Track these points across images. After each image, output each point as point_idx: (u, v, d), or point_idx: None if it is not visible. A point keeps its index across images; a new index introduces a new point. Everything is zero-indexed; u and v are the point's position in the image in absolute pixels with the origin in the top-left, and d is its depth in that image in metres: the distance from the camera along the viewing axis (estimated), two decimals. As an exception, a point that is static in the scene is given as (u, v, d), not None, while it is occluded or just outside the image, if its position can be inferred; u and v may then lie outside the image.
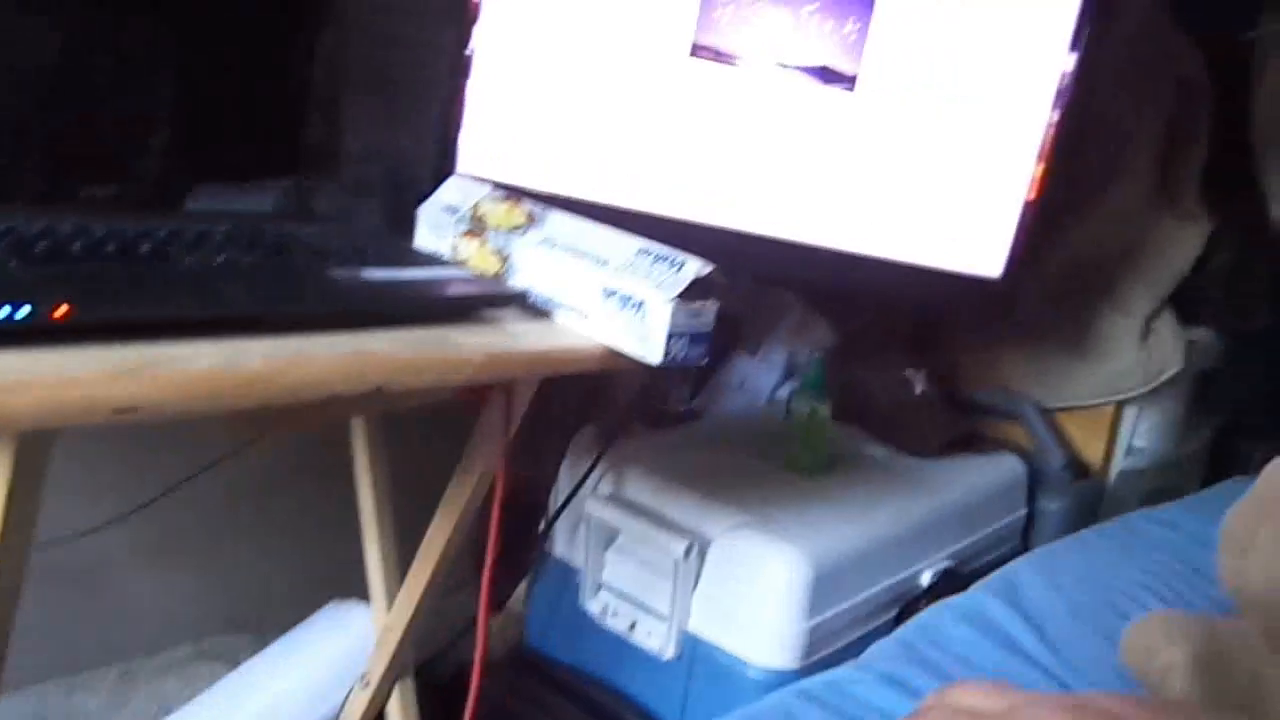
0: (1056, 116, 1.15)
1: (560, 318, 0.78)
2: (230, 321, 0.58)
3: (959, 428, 1.44)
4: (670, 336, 0.71)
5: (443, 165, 1.10)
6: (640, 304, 0.72)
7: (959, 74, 1.13)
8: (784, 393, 1.50)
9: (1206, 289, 1.60)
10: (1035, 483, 1.50)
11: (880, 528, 1.19)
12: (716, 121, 1.13)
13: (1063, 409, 1.57)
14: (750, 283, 1.64)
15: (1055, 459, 1.52)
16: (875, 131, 1.14)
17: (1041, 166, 1.17)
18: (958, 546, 1.31)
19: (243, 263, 0.68)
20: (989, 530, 1.38)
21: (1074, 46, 1.13)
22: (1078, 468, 1.56)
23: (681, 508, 1.15)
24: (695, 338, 0.73)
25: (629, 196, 1.14)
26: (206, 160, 0.96)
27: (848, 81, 1.13)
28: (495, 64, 1.08)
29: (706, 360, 0.74)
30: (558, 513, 1.23)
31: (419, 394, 0.66)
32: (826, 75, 1.12)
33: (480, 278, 0.80)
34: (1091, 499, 1.55)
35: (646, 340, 0.72)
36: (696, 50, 1.09)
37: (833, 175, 1.15)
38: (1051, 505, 1.50)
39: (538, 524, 1.27)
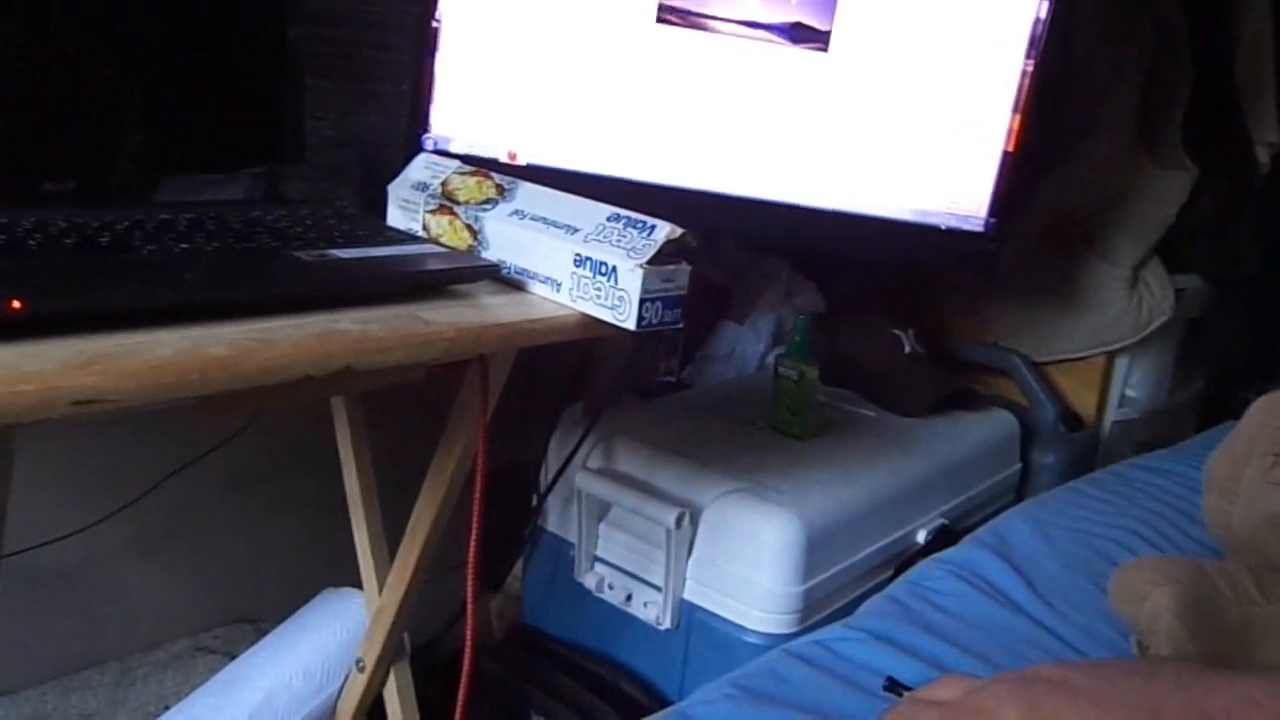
0: (1031, 65, 1.14)
1: (534, 289, 0.77)
2: (194, 309, 0.57)
3: (950, 385, 1.43)
4: (643, 301, 0.70)
5: (415, 143, 1.08)
6: (612, 270, 0.71)
7: (933, 26, 1.12)
8: (773, 359, 1.50)
9: (1194, 236, 1.59)
10: (1029, 437, 1.50)
11: (873, 488, 1.19)
12: (689, 85, 1.11)
13: (1053, 362, 1.57)
14: (736, 249, 1.63)
15: (1048, 412, 1.52)
16: (851, 88, 1.13)
17: (1018, 117, 1.16)
18: (952, 504, 1.31)
19: (206, 250, 0.67)
20: (983, 486, 1.38)
21: (1047, -7, 1.12)
22: (1071, 420, 1.56)
23: (672, 477, 1.15)
24: (669, 301, 0.72)
25: (605, 164, 1.13)
26: (176, 152, 0.95)
27: (821, 39, 1.11)
28: (462, 36, 1.07)
29: (682, 324, 0.74)
30: (548, 489, 1.23)
31: (390, 372, 0.65)
32: (799, 34, 1.11)
33: (451, 253, 0.79)
34: (1086, 451, 1.55)
35: (620, 307, 0.71)
36: (663, 13, 1.08)
37: (811, 134, 1.14)
38: (1046, 459, 1.50)
39: (530, 501, 1.27)
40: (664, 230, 0.73)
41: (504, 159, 1.11)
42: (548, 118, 1.11)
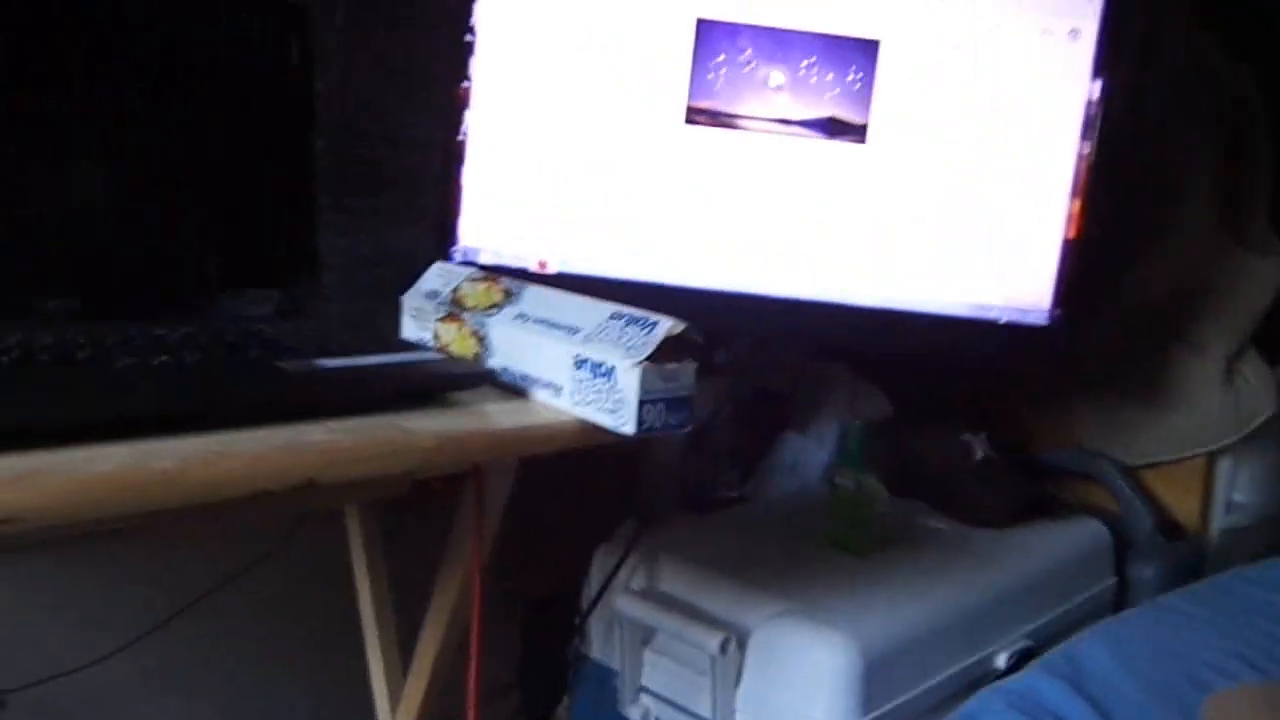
0: (1088, 148, 1.07)
1: (536, 395, 0.73)
2: (142, 421, 0.54)
3: (1029, 494, 1.33)
4: (643, 404, 0.66)
5: (443, 255, 1.07)
6: (610, 370, 0.67)
7: (975, 114, 1.07)
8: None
9: (1293, 323, 1.47)
10: (1124, 548, 1.37)
11: (943, 607, 1.09)
12: (724, 185, 1.08)
13: (1146, 465, 1.45)
14: (793, 355, 1.57)
15: (1143, 520, 1.39)
16: (894, 181, 1.08)
17: (1078, 202, 1.09)
18: (1038, 623, 1.19)
19: (186, 362, 0.65)
20: (1073, 603, 1.26)
21: (1097, 74, 1.06)
22: (1171, 529, 1.42)
23: (719, 598, 1.07)
24: (673, 403, 0.67)
25: (639, 269, 1.09)
26: (214, 271, 0.96)
27: (858, 132, 1.07)
28: (488, 147, 1.06)
29: (689, 428, 0.68)
30: (587, 613, 1.15)
31: (366, 486, 0.61)
32: (834, 128, 1.07)
33: (447, 360, 0.76)
34: (1191, 562, 1.40)
35: (619, 410, 0.67)
36: (692, 115, 1.05)
37: (854, 229, 1.10)
38: (1144, 572, 1.36)
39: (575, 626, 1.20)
40: (664, 326, 0.68)
41: (534, 268, 1.08)
42: (578, 224, 1.08)
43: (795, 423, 1.55)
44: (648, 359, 0.66)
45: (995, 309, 1.12)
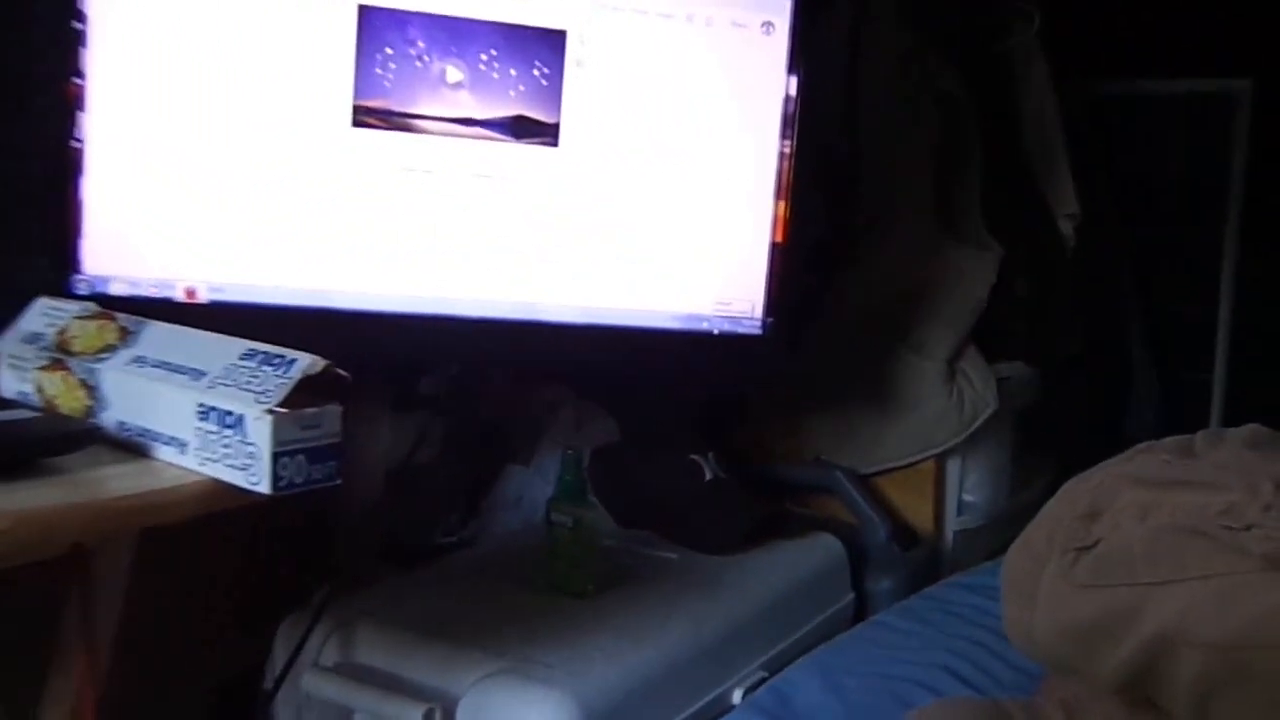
0: (788, 146, 1.13)
1: (158, 453, 0.68)
2: None
3: (762, 513, 1.38)
4: (278, 457, 0.62)
5: (60, 288, 0.98)
6: (239, 420, 0.63)
7: (673, 112, 1.10)
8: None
9: (1009, 320, 1.62)
10: (860, 561, 1.46)
11: (674, 646, 1.11)
12: (403, 197, 1.06)
13: (879, 472, 1.55)
14: (505, 381, 1.56)
15: (877, 530, 1.49)
16: (590, 185, 1.10)
17: (783, 204, 1.14)
18: (775, 651, 1.23)
19: None
20: (811, 625, 1.32)
21: (792, 69, 1.12)
22: (906, 536, 1.53)
23: (423, 664, 1.04)
24: (317, 453, 0.64)
25: (307, 295, 1.05)
26: None
27: (549, 133, 1.08)
28: (114, 155, 0.98)
29: (338, 480, 0.65)
30: (270, 696, 1.09)
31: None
32: (522, 128, 1.08)
33: (52, 418, 0.69)
34: (927, 570, 1.51)
35: (252, 466, 0.63)
36: (360, 116, 1.03)
37: (549, 240, 1.11)
38: (881, 584, 1.45)
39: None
40: (301, 364, 0.65)
41: (181, 298, 1.02)
42: (232, 244, 1.03)
43: (517, 454, 1.55)
44: (282, 404, 0.62)
45: (707, 320, 1.16)
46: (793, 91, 1.13)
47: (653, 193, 1.12)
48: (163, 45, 0.98)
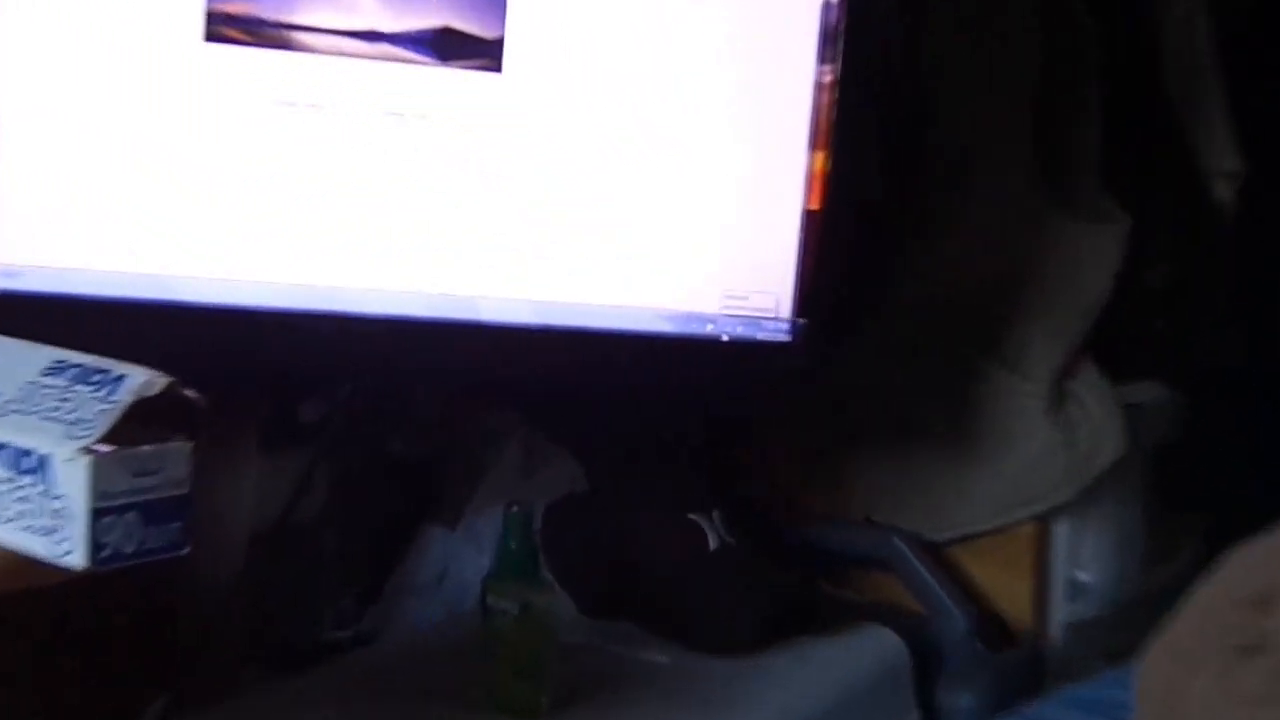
0: (829, 75, 1.14)
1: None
2: None
3: (789, 596, 1.39)
4: (98, 514, 0.63)
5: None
6: (42, 462, 0.64)
7: (661, 25, 1.12)
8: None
9: (1141, 322, 1.63)
10: (929, 666, 1.47)
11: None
12: (275, 140, 1.08)
13: (956, 539, 1.56)
14: (432, 403, 1.57)
15: (955, 623, 1.49)
16: (546, 128, 1.12)
17: (820, 155, 1.16)
18: (806, 797, 1.25)
19: None
20: (857, 759, 1.33)
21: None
22: (996, 632, 1.54)
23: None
24: (154, 509, 0.65)
25: (151, 282, 1.08)
26: None
27: (488, 52, 1.10)
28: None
29: (186, 549, 0.66)
30: None
31: None
32: (450, 45, 1.09)
33: None
34: (1023, 678, 1.52)
35: (59, 528, 0.64)
36: (215, 24, 1.04)
37: (496, 207, 1.13)
38: (960, 700, 1.46)
39: None
40: (134, 381, 0.66)
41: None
42: (34, 212, 1.04)
43: (439, 510, 1.56)
44: (105, 439, 0.63)
45: (712, 321, 1.17)
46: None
47: (633, 140, 1.12)
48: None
